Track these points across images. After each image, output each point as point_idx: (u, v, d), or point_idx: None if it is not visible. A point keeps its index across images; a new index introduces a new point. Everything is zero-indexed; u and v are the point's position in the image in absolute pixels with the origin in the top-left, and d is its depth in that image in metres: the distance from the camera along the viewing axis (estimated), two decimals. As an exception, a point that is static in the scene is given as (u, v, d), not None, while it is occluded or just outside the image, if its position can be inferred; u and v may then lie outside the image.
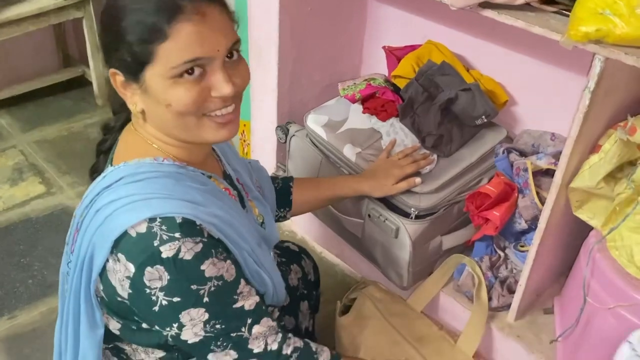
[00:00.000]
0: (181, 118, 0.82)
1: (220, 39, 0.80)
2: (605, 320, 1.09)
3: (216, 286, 0.83)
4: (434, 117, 1.34)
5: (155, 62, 0.79)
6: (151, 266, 0.79)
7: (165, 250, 0.78)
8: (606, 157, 1.06)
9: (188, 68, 0.79)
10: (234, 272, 0.86)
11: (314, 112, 1.51)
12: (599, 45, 0.92)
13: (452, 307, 1.38)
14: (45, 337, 1.52)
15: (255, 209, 1.07)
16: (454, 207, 1.36)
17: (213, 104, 0.83)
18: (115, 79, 0.84)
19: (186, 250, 0.79)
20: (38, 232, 1.86)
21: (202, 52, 0.78)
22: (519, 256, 1.32)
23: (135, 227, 0.79)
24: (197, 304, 0.82)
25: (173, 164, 0.87)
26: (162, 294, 0.80)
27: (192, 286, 0.81)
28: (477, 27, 1.45)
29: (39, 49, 2.55)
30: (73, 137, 2.32)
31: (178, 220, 0.80)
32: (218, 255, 0.83)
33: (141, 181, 0.84)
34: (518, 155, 1.30)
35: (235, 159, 1.09)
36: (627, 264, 1.07)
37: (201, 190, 0.87)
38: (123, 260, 0.80)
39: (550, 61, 1.35)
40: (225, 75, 0.81)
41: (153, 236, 0.79)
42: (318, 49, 1.60)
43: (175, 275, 0.79)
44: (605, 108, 1.06)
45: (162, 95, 0.80)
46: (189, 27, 0.77)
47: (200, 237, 0.81)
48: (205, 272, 0.81)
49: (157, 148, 0.88)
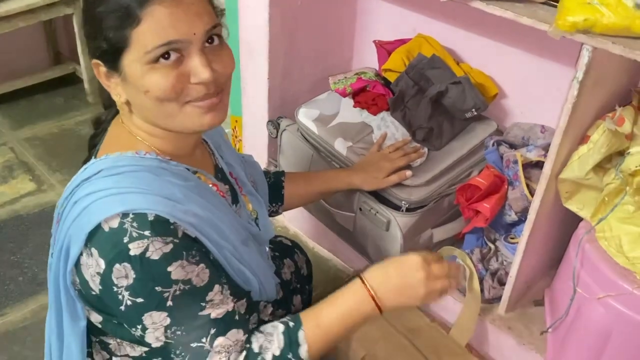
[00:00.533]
0: (161, 105, 0.81)
1: (196, 22, 0.78)
2: (594, 310, 1.10)
3: (182, 290, 0.79)
4: (424, 110, 1.34)
5: (130, 47, 0.78)
6: (119, 263, 0.77)
7: (133, 247, 0.77)
8: (595, 147, 1.06)
9: (163, 52, 0.77)
10: (206, 278, 0.82)
11: (305, 107, 1.51)
12: (587, 35, 0.92)
13: (443, 299, 1.38)
14: (36, 334, 1.52)
15: (249, 204, 1.06)
16: (445, 200, 1.37)
17: (194, 91, 0.81)
18: (98, 70, 0.83)
19: (154, 249, 0.77)
20: (29, 229, 1.85)
21: (176, 35, 0.77)
22: (509, 248, 1.33)
23: (108, 221, 0.78)
24: (159, 307, 0.79)
25: (155, 158, 0.86)
26: (127, 294, 0.79)
27: (156, 287, 0.78)
28: (467, 20, 1.45)
29: (29, 46, 2.54)
30: (64, 134, 2.30)
31: (150, 217, 0.78)
32: (189, 258, 0.80)
33: (120, 174, 0.82)
34: (508, 147, 1.31)
35: (229, 153, 1.08)
36: (616, 254, 1.08)
37: (182, 186, 0.85)
38: (95, 255, 0.79)
39: (540, 54, 1.35)
40: (203, 59, 0.79)
41: (123, 232, 0.77)
42: (308, 43, 1.60)
43: (141, 274, 0.77)
44: (593, 99, 1.07)
45: (139, 81, 0.79)
46: (161, 10, 0.76)
47: (171, 237, 0.79)
48: (172, 274, 0.78)
49: (142, 140, 0.87)
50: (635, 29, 0.88)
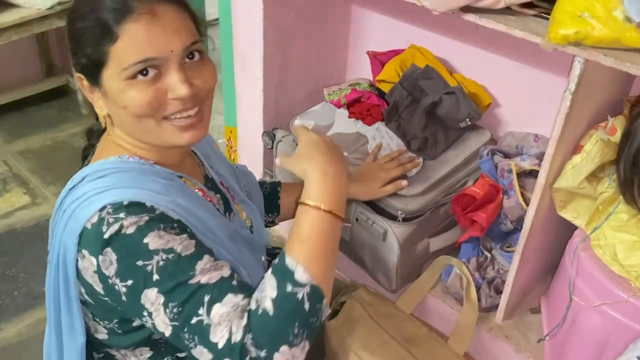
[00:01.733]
0: (139, 121, 0.81)
1: (174, 39, 0.79)
2: (590, 318, 1.11)
3: (165, 260, 0.75)
4: (418, 120, 1.35)
5: (109, 63, 0.79)
6: (102, 254, 0.77)
7: (108, 232, 0.76)
8: (588, 157, 1.07)
9: (140, 69, 0.78)
10: (192, 247, 0.77)
11: (300, 118, 1.51)
12: (578, 47, 0.93)
13: (440, 308, 1.39)
14: (32, 349, 1.51)
15: (242, 212, 1.06)
16: (441, 210, 1.37)
17: (172, 106, 0.81)
18: (82, 83, 0.84)
19: (128, 224, 0.75)
20: (23, 243, 1.84)
21: (153, 53, 0.78)
22: (506, 257, 1.34)
23: (90, 219, 0.78)
24: (148, 284, 0.75)
25: (138, 161, 0.86)
26: (118, 280, 0.76)
27: (137, 262, 0.75)
28: (459, 31, 1.46)
29: (22, 58, 2.54)
30: (58, 146, 2.31)
31: (125, 202, 0.77)
32: (167, 229, 0.76)
33: (102, 177, 0.83)
34: (502, 156, 1.32)
35: (220, 163, 1.07)
36: (611, 262, 1.09)
37: (166, 184, 0.84)
38: (87, 255, 0.79)
39: (532, 64, 1.37)
40: (181, 76, 0.80)
41: (102, 223, 0.77)
42: (303, 54, 1.61)
43: (120, 253, 0.75)
44: (586, 109, 1.08)
45: (118, 97, 0.80)
46: (138, 27, 0.77)
47: (147, 213, 0.77)
48: (150, 245, 0.75)
49: (126, 150, 0.88)
50: (625, 41, 0.90)
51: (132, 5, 0.77)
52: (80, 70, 0.83)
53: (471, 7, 1.04)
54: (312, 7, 1.56)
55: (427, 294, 1.39)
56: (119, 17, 0.77)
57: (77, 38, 0.80)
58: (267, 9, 1.44)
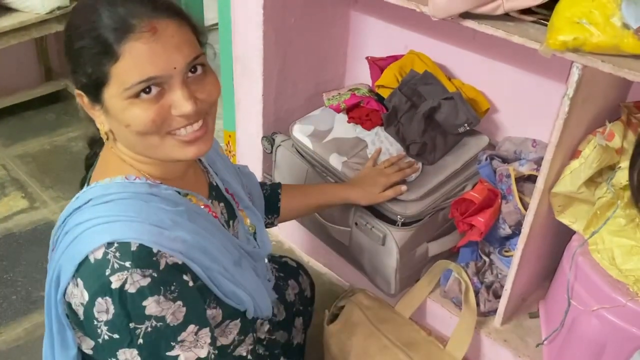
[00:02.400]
0: (143, 138, 0.80)
1: (176, 56, 0.77)
2: (589, 322, 1.11)
3: (153, 327, 0.78)
4: (417, 125, 1.36)
5: (110, 83, 0.77)
6: (102, 297, 0.77)
7: (114, 280, 0.76)
8: (586, 162, 1.08)
9: (143, 88, 0.77)
10: (181, 317, 0.80)
11: (300, 122, 1.52)
12: (577, 54, 0.94)
13: (439, 313, 1.39)
14: (30, 353, 1.50)
15: (247, 218, 1.05)
16: (439, 214, 1.38)
17: (175, 122, 0.80)
18: (82, 99, 0.82)
19: (132, 282, 0.76)
20: (21, 247, 1.83)
21: (155, 72, 0.76)
22: (504, 261, 1.34)
23: (94, 252, 0.77)
24: (131, 345, 0.78)
25: (145, 183, 0.85)
26: (105, 329, 0.78)
27: (130, 324, 0.77)
28: (458, 37, 1.48)
29: (21, 62, 2.54)
30: (56, 151, 2.30)
31: (133, 247, 0.77)
32: (166, 294, 0.78)
33: (109, 202, 0.82)
34: (500, 162, 1.32)
35: (225, 167, 1.07)
36: (609, 267, 1.09)
37: (171, 212, 0.84)
38: (81, 286, 0.78)
39: (530, 69, 1.38)
40: (185, 92, 0.78)
41: (106, 264, 0.76)
42: (302, 60, 1.62)
43: (119, 309, 0.77)
44: (584, 114, 1.09)
45: (120, 115, 0.79)
46: (139, 46, 0.75)
47: (152, 269, 0.78)
48: (146, 309, 0.77)
49: (131, 166, 0.86)
50: (623, 48, 0.91)
51: (132, 23, 0.75)
52: (80, 88, 0.81)
53: (470, 14, 1.05)
54: (312, 12, 1.57)
55: (426, 299, 1.40)
56: (119, 36, 0.75)
57: (76, 57, 0.78)
58: (266, 14, 1.45)
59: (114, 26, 0.75)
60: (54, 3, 2.15)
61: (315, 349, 1.37)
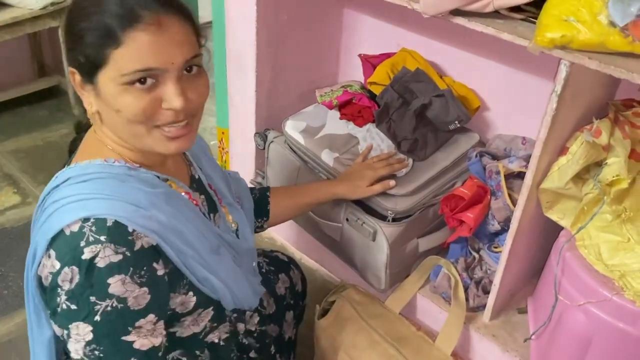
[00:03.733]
0: (131, 125, 0.82)
1: (176, 52, 0.79)
2: (575, 316, 1.13)
3: (113, 307, 0.78)
4: (409, 122, 1.37)
5: (107, 66, 0.79)
6: (68, 266, 0.77)
7: (86, 251, 0.77)
8: (574, 158, 1.10)
9: (140, 77, 0.78)
10: (143, 303, 0.80)
11: (292, 119, 1.53)
12: (564, 51, 0.96)
13: (429, 308, 1.41)
14: (22, 347, 1.50)
15: (229, 215, 1.06)
16: (430, 210, 1.39)
17: (164, 116, 0.82)
18: (74, 77, 0.84)
19: (103, 256, 0.77)
20: (13, 242, 1.84)
21: (154, 63, 0.78)
22: (493, 257, 1.36)
23: (70, 226, 0.79)
24: (87, 319, 0.78)
25: (124, 166, 0.86)
26: (65, 298, 0.78)
27: (91, 297, 0.77)
28: (450, 35, 1.49)
29: (14, 58, 2.53)
30: (49, 147, 2.30)
31: (109, 222, 0.78)
32: (134, 277, 0.79)
33: (86, 182, 0.83)
34: (490, 158, 1.34)
35: (210, 167, 1.08)
36: (596, 262, 1.11)
37: (149, 192, 0.85)
38: (53, 256, 0.79)
39: (520, 67, 1.39)
40: (177, 88, 0.80)
41: (82, 236, 0.78)
42: (295, 57, 1.63)
43: (83, 280, 0.77)
44: (572, 111, 1.10)
45: (112, 100, 0.80)
46: (144, 37, 0.77)
47: (125, 247, 0.79)
48: (110, 287, 0.77)
49: (112, 149, 0.87)
50: (609, 45, 0.92)
51: (140, 14, 0.77)
52: (75, 66, 0.83)
53: (461, 11, 1.06)
54: (305, 10, 1.58)
55: (415, 294, 1.41)
56: (125, 24, 0.77)
57: (77, 36, 0.80)
58: (259, 11, 1.46)
59: (121, 13, 0.77)
60: (47, -1, 2.15)
61: (306, 343, 1.38)
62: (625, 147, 1.11)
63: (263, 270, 1.26)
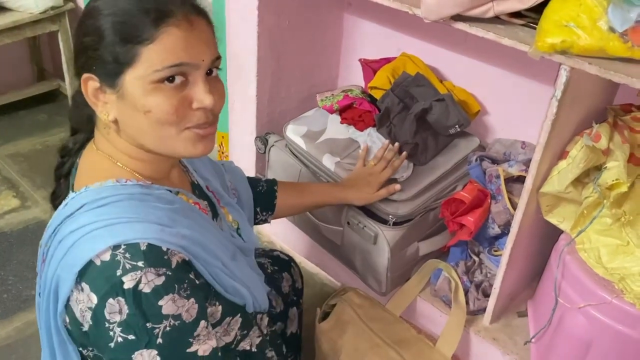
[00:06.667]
0: (160, 127, 0.80)
1: (205, 49, 0.80)
2: (575, 319, 1.13)
3: (172, 326, 0.78)
4: (409, 126, 1.38)
5: (137, 64, 0.76)
6: (113, 298, 0.75)
7: (127, 280, 0.75)
8: (573, 162, 1.11)
9: (172, 73, 0.77)
10: (194, 314, 0.81)
11: (293, 123, 1.53)
12: (565, 56, 0.97)
13: (429, 311, 1.41)
14: (21, 352, 1.50)
15: (229, 215, 1.05)
16: (430, 214, 1.40)
17: (195, 117, 0.81)
18: (87, 85, 0.80)
19: (147, 281, 0.76)
20: (12, 246, 1.83)
21: (187, 58, 0.78)
22: (493, 260, 1.36)
23: (100, 255, 0.76)
24: (149, 345, 0.77)
25: (137, 184, 0.84)
26: (119, 330, 0.76)
27: (147, 324, 0.76)
28: (450, 40, 1.50)
29: (13, 62, 2.53)
30: (48, 151, 2.29)
31: (142, 247, 0.77)
32: (180, 292, 0.79)
33: (104, 206, 0.80)
34: (490, 163, 1.35)
35: (204, 166, 1.07)
36: (595, 265, 1.12)
37: (168, 209, 0.84)
38: (87, 290, 0.77)
39: (520, 72, 1.40)
40: (207, 86, 0.80)
41: (116, 265, 0.75)
42: (296, 61, 1.64)
43: (134, 309, 0.76)
44: (571, 116, 1.11)
45: (141, 100, 0.78)
46: (176, 32, 0.77)
47: (165, 267, 0.77)
48: (163, 309, 0.77)
49: (121, 167, 0.85)
50: (609, 51, 0.93)
51: (172, 10, 0.77)
52: (94, 70, 0.79)
53: (462, 16, 1.08)
54: (306, 15, 1.58)
55: (416, 297, 1.41)
56: (158, 20, 0.76)
57: (101, 34, 0.76)
58: (261, 16, 1.47)
59: (154, 7, 0.76)
60: (47, 3, 2.15)
61: (307, 347, 1.38)
62: (625, 151, 1.12)
63: (268, 270, 1.26)
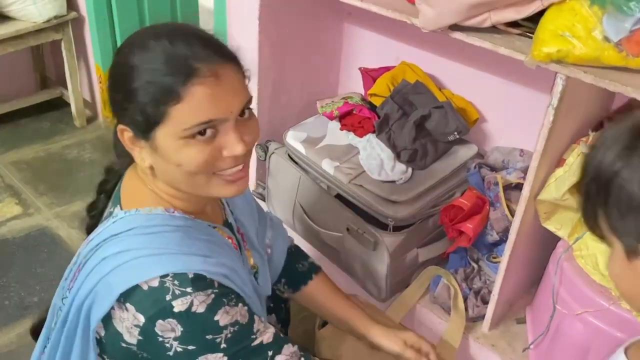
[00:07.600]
0: (191, 177, 0.82)
1: (234, 100, 0.80)
2: (573, 326, 1.14)
3: (232, 332, 0.83)
4: (408, 133, 1.39)
5: (166, 122, 0.78)
6: (162, 319, 0.79)
7: (177, 304, 0.79)
8: (570, 170, 1.12)
9: (200, 130, 0.79)
10: (246, 314, 0.85)
11: (293, 129, 1.55)
12: (560, 65, 0.98)
13: (429, 318, 1.42)
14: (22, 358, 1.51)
15: (251, 258, 1.07)
16: (429, 220, 1.41)
17: (224, 163, 0.83)
18: (123, 134, 0.84)
19: (199, 303, 0.80)
20: (15, 253, 1.84)
21: (215, 114, 0.78)
22: (492, 267, 1.37)
23: (148, 282, 0.80)
24: (214, 350, 0.82)
25: (183, 216, 0.88)
26: (176, 343, 0.80)
27: (207, 336, 0.81)
28: (448, 49, 1.51)
29: (16, 70, 2.56)
30: (50, 158, 2.31)
31: (190, 276, 0.81)
32: (230, 303, 0.83)
33: (152, 234, 0.84)
34: (489, 170, 1.36)
35: (244, 210, 1.08)
36: (593, 272, 1.12)
37: (208, 241, 0.89)
38: (132, 310, 0.80)
39: (517, 81, 1.41)
40: (237, 135, 0.81)
41: (165, 290, 0.79)
42: (296, 69, 1.65)
43: (189, 327, 0.80)
44: (568, 124, 1.12)
45: (172, 155, 0.80)
46: (203, 90, 0.77)
47: (210, 288, 0.82)
48: (220, 322, 0.81)
49: (166, 200, 0.88)
50: (604, 60, 0.95)
51: (196, 67, 0.77)
52: (127, 124, 0.82)
53: (459, 26, 1.09)
54: (306, 24, 1.60)
55: (415, 304, 1.42)
56: (184, 79, 0.76)
57: (131, 94, 0.79)
58: (262, 25, 1.49)
59: (177, 69, 0.77)
60: (50, 12, 2.18)
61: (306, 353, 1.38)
62: (621, 158, 1.13)
63: None
